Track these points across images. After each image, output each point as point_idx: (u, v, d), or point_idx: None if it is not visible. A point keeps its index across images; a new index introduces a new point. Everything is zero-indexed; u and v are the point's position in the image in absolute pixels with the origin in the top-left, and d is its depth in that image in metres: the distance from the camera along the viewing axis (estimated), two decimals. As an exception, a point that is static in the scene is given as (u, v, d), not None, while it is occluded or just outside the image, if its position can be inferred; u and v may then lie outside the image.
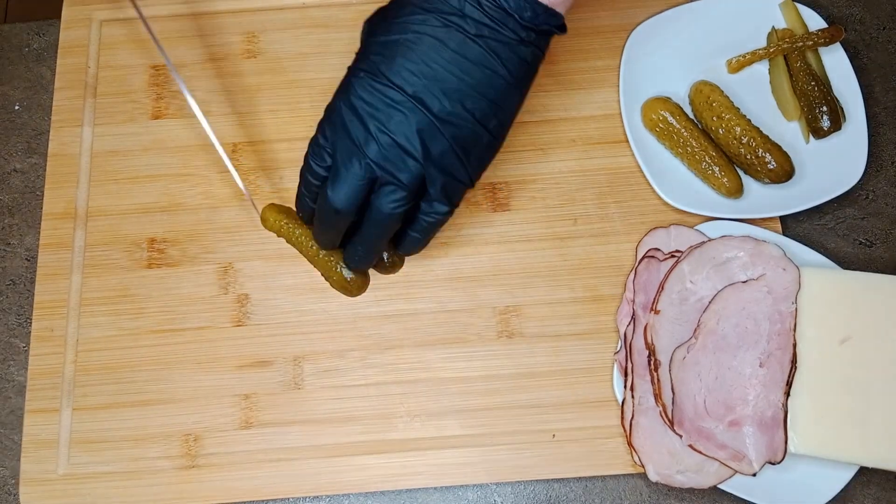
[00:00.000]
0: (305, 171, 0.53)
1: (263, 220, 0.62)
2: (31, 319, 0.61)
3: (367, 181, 0.49)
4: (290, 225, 0.61)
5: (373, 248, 0.54)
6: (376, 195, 0.50)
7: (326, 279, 0.61)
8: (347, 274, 0.59)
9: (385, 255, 0.60)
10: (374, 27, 0.51)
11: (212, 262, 0.62)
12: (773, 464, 0.54)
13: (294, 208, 0.62)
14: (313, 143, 0.52)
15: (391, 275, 0.61)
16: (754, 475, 0.54)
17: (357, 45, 0.68)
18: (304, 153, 0.64)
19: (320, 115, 0.65)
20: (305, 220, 0.56)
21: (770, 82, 0.65)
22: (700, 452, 0.55)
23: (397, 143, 0.48)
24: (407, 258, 0.61)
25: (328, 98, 0.65)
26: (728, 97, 0.62)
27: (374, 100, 0.49)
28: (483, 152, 0.51)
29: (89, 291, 0.61)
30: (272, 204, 0.62)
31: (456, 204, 0.52)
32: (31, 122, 0.67)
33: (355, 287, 0.60)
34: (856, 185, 0.61)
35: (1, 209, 0.64)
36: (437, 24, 0.48)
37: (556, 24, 0.49)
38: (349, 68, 0.52)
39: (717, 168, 0.60)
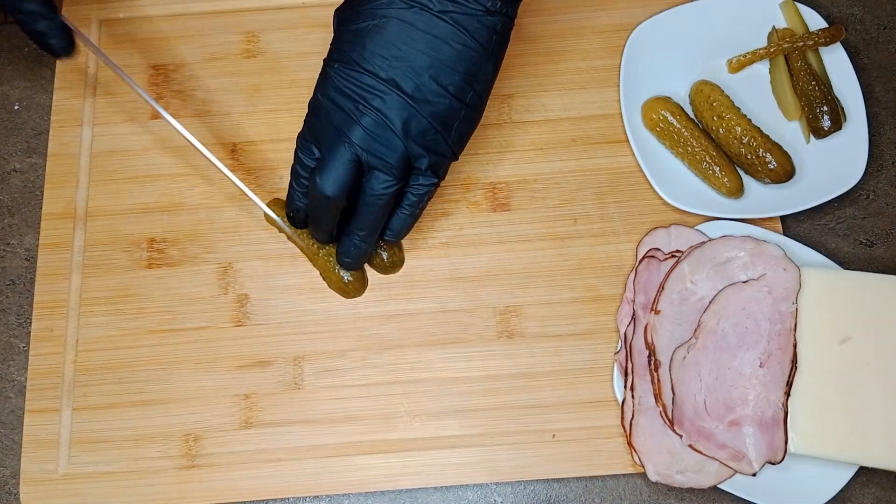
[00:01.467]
0: (296, 165, 0.54)
1: (266, 216, 0.62)
2: (31, 319, 0.61)
3: (353, 164, 0.51)
4: None
5: (369, 235, 0.55)
6: (367, 179, 0.52)
7: (324, 279, 0.61)
8: (346, 275, 0.60)
9: (385, 255, 0.60)
10: (344, 16, 0.52)
11: (212, 262, 0.62)
12: (773, 464, 0.54)
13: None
14: (300, 137, 0.54)
15: (391, 275, 0.61)
16: (754, 475, 0.54)
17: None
18: (303, 153, 0.64)
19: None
20: (297, 220, 0.57)
21: (770, 82, 0.65)
22: (700, 452, 0.55)
23: (379, 126, 0.50)
24: (407, 258, 0.62)
25: (328, 98, 0.66)
26: (728, 97, 0.62)
27: (351, 87, 0.50)
28: (462, 125, 0.53)
29: (89, 291, 0.61)
30: (276, 199, 0.62)
31: (441, 176, 0.54)
32: (30, 122, 0.67)
33: (353, 289, 0.60)
34: (856, 185, 0.61)
35: (1, 209, 0.64)
36: (402, 6, 0.50)
37: None
38: (324, 60, 0.53)
39: (718, 168, 0.60)
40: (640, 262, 0.60)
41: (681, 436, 0.55)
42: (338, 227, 0.56)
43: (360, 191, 0.53)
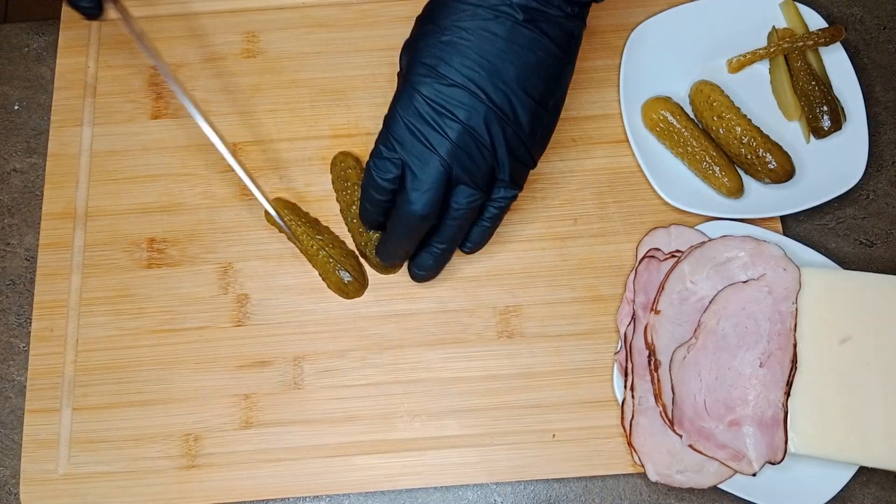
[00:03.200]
0: (369, 187, 0.53)
1: (267, 215, 0.62)
2: (31, 319, 0.61)
3: (445, 181, 0.51)
4: (293, 222, 0.61)
5: (449, 249, 0.55)
6: (454, 195, 0.52)
7: (324, 280, 0.61)
8: (345, 276, 0.60)
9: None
10: (423, 33, 0.52)
11: (212, 262, 0.62)
12: (773, 464, 0.54)
13: (297, 205, 0.62)
14: (376, 155, 0.52)
15: (391, 275, 0.61)
16: (754, 475, 0.54)
17: (355, 43, 0.68)
18: (303, 152, 0.65)
19: (320, 114, 0.65)
20: (371, 227, 0.58)
21: (770, 82, 0.65)
22: (700, 452, 0.55)
23: (468, 139, 0.50)
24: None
25: (328, 97, 0.66)
26: (728, 97, 0.62)
27: (439, 101, 0.50)
28: (544, 132, 0.53)
29: (89, 291, 0.61)
30: (277, 199, 0.62)
31: (521, 186, 0.55)
32: (30, 122, 0.67)
33: (353, 289, 0.60)
34: (856, 185, 0.61)
35: (1, 209, 0.64)
36: (488, 16, 0.50)
37: None
38: (404, 76, 0.52)
39: (718, 168, 0.60)
40: (640, 262, 0.60)
41: (681, 436, 0.55)
42: None
43: (444, 205, 0.52)
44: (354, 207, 0.60)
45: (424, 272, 0.57)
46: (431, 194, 0.51)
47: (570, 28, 0.51)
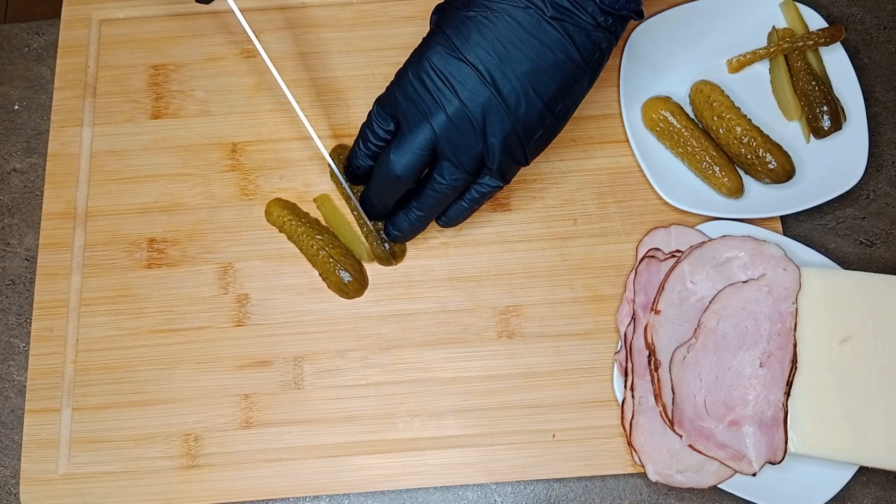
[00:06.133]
0: (367, 129, 0.53)
1: (267, 215, 0.62)
2: (31, 319, 0.61)
3: (429, 151, 0.50)
4: (293, 222, 0.61)
5: (426, 217, 0.55)
6: (439, 166, 0.51)
7: (324, 279, 0.61)
8: (345, 276, 0.60)
9: (386, 245, 0.60)
10: (452, 1, 0.51)
11: (212, 262, 0.62)
12: (773, 464, 0.54)
13: (297, 205, 0.62)
14: (379, 103, 0.53)
15: (391, 267, 0.61)
16: (754, 475, 0.54)
17: (355, 43, 0.68)
18: (304, 152, 0.65)
19: (320, 114, 0.65)
20: (357, 176, 0.57)
21: (770, 82, 0.65)
22: (700, 452, 0.55)
23: (463, 119, 0.49)
24: (407, 258, 0.61)
25: (328, 98, 0.66)
26: (728, 97, 0.62)
27: (446, 73, 0.49)
28: (544, 134, 0.52)
29: (89, 291, 0.61)
30: (277, 199, 0.62)
31: (508, 180, 0.54)
32: (30, 122, 0.67)
33: (353, 289, 0.60)
34: (856, 185, 0.61)
35: (1, 209, 0.64)
36: (518, 4, 0.48)
37: (634, 10, 0.49)
38: (424, 39, 0.52)
39: (718, 168, 0.60)
40: (640, 262, 0.60)
41: (681, 436, 0.55)
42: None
43: (428, 174, 0.52)
44: (353, 202, 0.60)
45: (399, 233, 0.57)
46: (411, 158, 0.51)
47: (598, 39, 0.50)
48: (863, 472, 0.57)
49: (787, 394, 0.55)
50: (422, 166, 0.51)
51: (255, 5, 0.68)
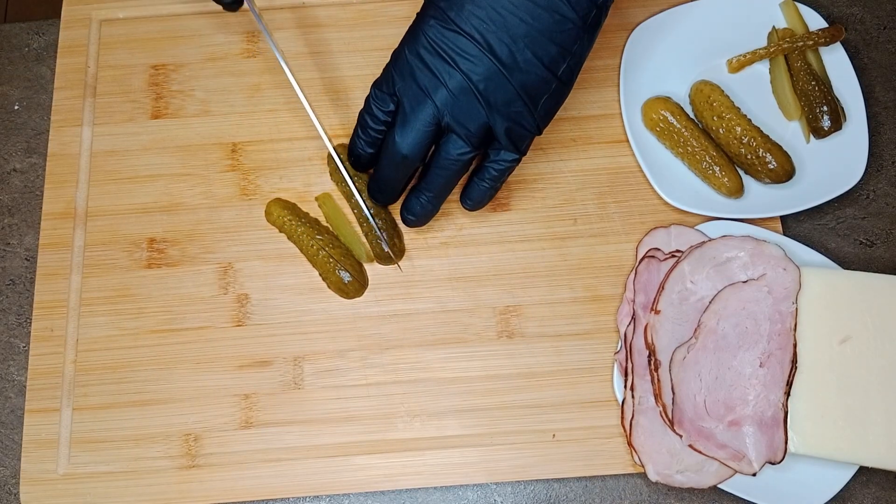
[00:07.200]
0: (365, 114, 0.53)
1: (267, 215, 0.62)
2: (31, 319, 0.61)
3: (434, 127, 0.50)
4: (293, 221, 0.61)
5: (438, 196, 0.54)
6: (444, 142, 0.51)
7: (324, 279, 0.61)
8: (345, 276, 0.60)
9: (385, 244, 0.60)
10: None
11: (212, 262, 0.62)
12: (773, 464, 0.54)
13: (297, 205, 0.62)
14: (376, 86, 0.52)
15: (391, 265, 0.61)
16: (754, 475, 0.54)
17: (355, 43, 0.68)
18: (303, 152, 0.65)
19: (320, 114, 0.65)
20: (359, 164, 0.57)
21: (770, 82, 0.65)
22: (700, 452, 0.55)
23: (464, 91, 0.49)
24: (407, 258, 0.61)
25: (328, 98, 0.66)
26: (728, 97, 0.62)
27: (443, 47, 0.49)
28: (550, 100, 0.51)
29: (89, 291, 0.61)
30: (277, 199, 0.62)
31: (523, 151, 0.53)
32: (30, 122, 0.67)
33: (353, 289, 0.60)
34: (856, 185, 0.61)
35: (1, 209, 0.64)
36: None
37: None
38: (417, 15, 0.51)
39: (718, 168, 0.60)
40: (640, 262, 0.60)
41: (681, 436, 0.55)
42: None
43: (434, 152, 0.52)
44: (354, 199, 0.60)
45: (413, 217, 0.56)
46: (416, 136, 0.50)
47: None
48: (863, 472, 0.57)
49: (787, 394, 0.55)
50: (428, 143, 0.51)
51: (256, 5, 0.68)
